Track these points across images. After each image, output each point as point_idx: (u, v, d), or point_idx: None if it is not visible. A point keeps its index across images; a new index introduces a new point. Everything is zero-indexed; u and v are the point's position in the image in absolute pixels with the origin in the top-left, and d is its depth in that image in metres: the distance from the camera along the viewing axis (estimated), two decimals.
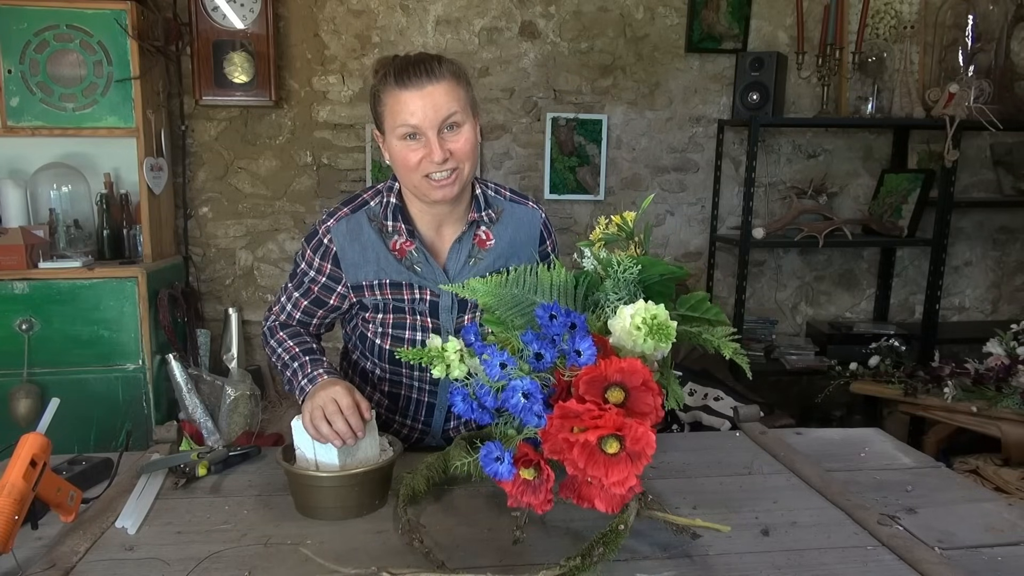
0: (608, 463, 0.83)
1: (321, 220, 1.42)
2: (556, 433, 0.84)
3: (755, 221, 3.06)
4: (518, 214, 1.49)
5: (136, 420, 2.62)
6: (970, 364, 2.47)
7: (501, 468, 0.91)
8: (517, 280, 1.07)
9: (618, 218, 1.11)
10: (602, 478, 0.83)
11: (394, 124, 1.30)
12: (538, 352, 0.91)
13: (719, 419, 2.63)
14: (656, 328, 0.91)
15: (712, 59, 3.25)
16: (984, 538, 1.08)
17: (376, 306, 1.41)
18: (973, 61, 3.09)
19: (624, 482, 0.82)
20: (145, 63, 2.66)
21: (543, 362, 0.91)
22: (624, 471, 0.82)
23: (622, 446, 0.82)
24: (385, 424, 1.51)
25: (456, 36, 3.12)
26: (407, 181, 1.35)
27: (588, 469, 0.83)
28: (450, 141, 1.30)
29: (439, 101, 1.27)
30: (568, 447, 0.83)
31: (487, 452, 0.92)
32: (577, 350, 0.90)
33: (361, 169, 3.15)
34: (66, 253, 2.65)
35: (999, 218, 3.50)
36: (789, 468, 1.31)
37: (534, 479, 0.91)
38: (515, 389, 0.89)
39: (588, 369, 0.86)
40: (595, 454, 0.83)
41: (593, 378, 0.86)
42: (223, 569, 0.97)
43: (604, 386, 0.86)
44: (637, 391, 0.86)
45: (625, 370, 0.85)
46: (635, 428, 0.82)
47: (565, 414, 0.84)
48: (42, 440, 1.01)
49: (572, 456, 0.83)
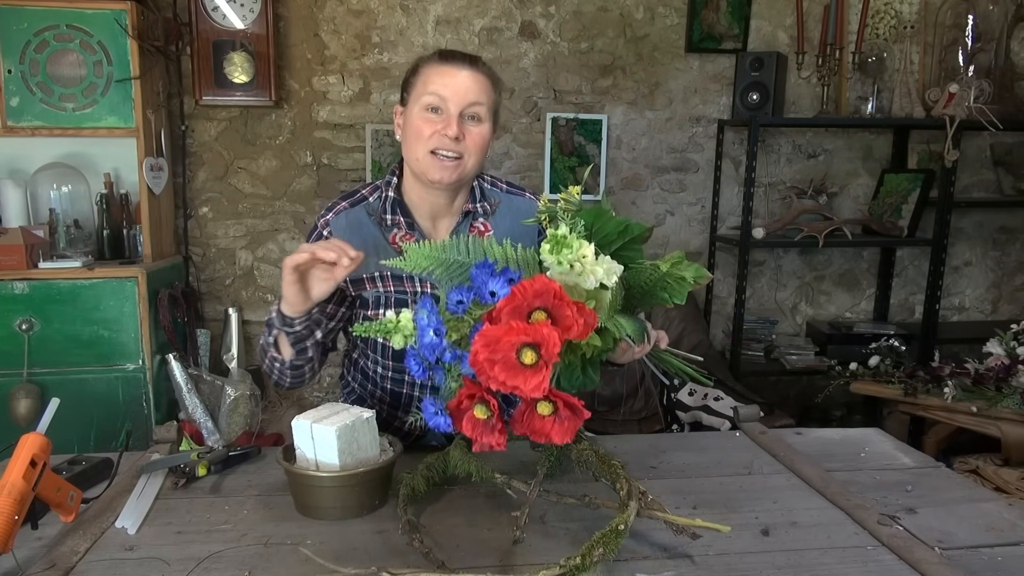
0: (527, 373, 0.86)
1: (320, 215, 1.43)
2: (482, 359, 0.87)
3: (755, 221, 3.06)
4: (516, 205, 1.50)
5: (136, 420, 2.62)
6: (970, 364, 2.47)
7: (440, 420, 0.96)
8: (455, 246, 1.07)
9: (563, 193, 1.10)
10: (521, 386, 0.86)
11: (424, 91, 1.34)
12: (458, 299, 0.96)
13: (719, 419, 2.63)
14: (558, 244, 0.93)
15: (712, 59, 3.25)
16: (984, 538, 1.08)
17: (377, 300, 1.41)
18: (973, 61, 3.09)
19: (540, 386, 0.86)
20: (145, 63, 2.66)
21: (462, 306, 0.96)
22: (538, 376, 0.86)
23: (538, 355, 0.86)
24: (386, 422, 1.51)
25: (456, 36, 3.12)
26: (413, 153, 1.36)
27: (508, 381, 0.86)
28: (467, 129, 1.34)
29: (471, 86, 1.34)
30: (490, 365, 0.86)
31: (426, 409, 0.98)
32: (491, 291, 0.94)
33: (361, 169, 3.15)
34: (66, 253, 2.65)
35: (999, 218, 3.50)
36: (789, 468, 1.31)
37: (488, 418, 0.94)
38: (424, 329, 0.95)
39: (506, 299, 0.90)
40: (514, 367, 0.86)
41: (514, 307, 0.89)
42: (223, 569, 0.97)
43: (527, 312, 0.89)
44: (555, 308, 0.89)
45: (539, 290, 0.88)
46: (540, 330, 0.86)
47: (487, 340, 0.87)
48: (42, 440, 1.01)
49: (493, 373, 0.86)
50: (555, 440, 0.92)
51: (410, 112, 1.37)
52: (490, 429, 0.94)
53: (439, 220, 1.44)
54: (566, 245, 0.94)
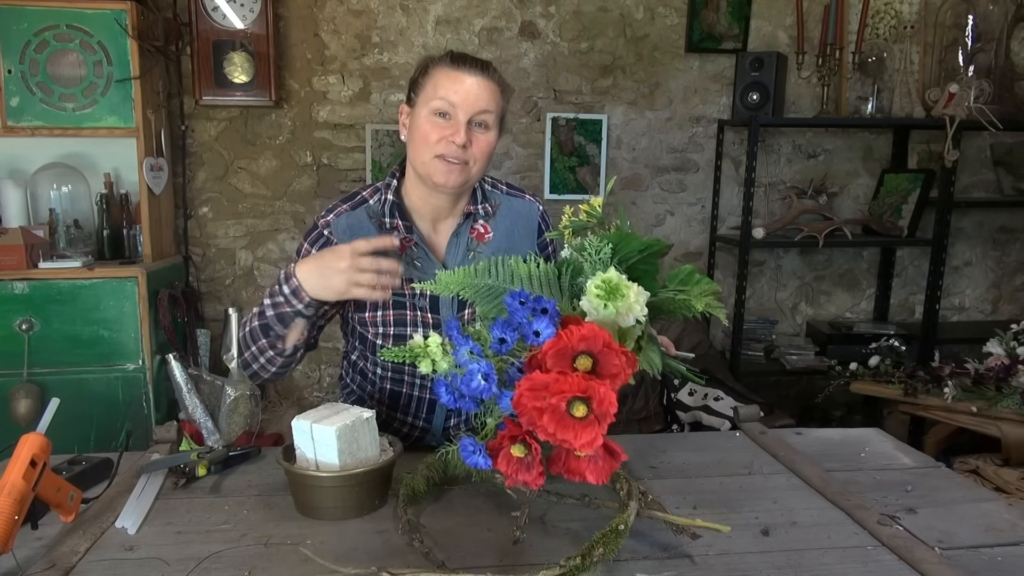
0: (577, 426, 0.85)
1: (320, 216, 1.42)
2: (527, 404, 0.86)
3: (755, 221, 3.06)
4: (516, 207, 1.50)
5: (136, 420, 2.62)
6: (970, 364, 2.47)
7: (479, 459, 0.95)
8: (488, 270, 1.07)
9: (586, 205, 1.11)
10: (572, 441, 0.85)
11: (433, 95, 1.33)
12: (501, 337, 0.94)
13: (719, 419, 2.63)
14: (610, 291, 0.93)
15: (712, 59, 3.25)
16: (984, 538, 1.08)
17: (374, 302, 1.41)
18: (973, 61, 3.09)
19: (592, 442, 0.85)
20: (145, 63, 2.66)
21: (505, 346, 0.95)
22: (592, 432, 0.85)
23: (589, 409, 0.85)
24: (385, 423, 1.51)
25: (456, 36, 3.12)
26: (419, 156, 1.36)
27: (558, 433, 0.85)
28: (474, 136, 1.34)
29: (481, 93, 1.33)
30: (538, 414, 0.85)
31: (464, 448, 0.96)
32: (536, 331, 0.92)
33: (361, 169, 3.15)
34: (66, 253, 2.65)
35: (999, 218, 3.50)
36: (789, 468, 1.31)
37: (525, 456, 0.93)
38: (472, 373, 0.94)
39: (552, 342, 0.89)
40: (564, 419, 0.85)
41: (559, 350, 0.88)
42: (223, 569, 0.97)
43: (572, 356, 0.88)
44: (603, 355, 0.88)
45: (586, 336, 0.87)
46: (596, 388, 0.84)
47: (533, 385, 0.86)
48: (42, 440, 1.01)
49: (543, 423, 0.85)
50: (590, 480, 0.92)
51: (418, 114, 1.35)
52: (526, 467, 0.94)
53: (440, 222, 1.44)
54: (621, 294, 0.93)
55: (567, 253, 1.11)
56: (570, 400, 0.85)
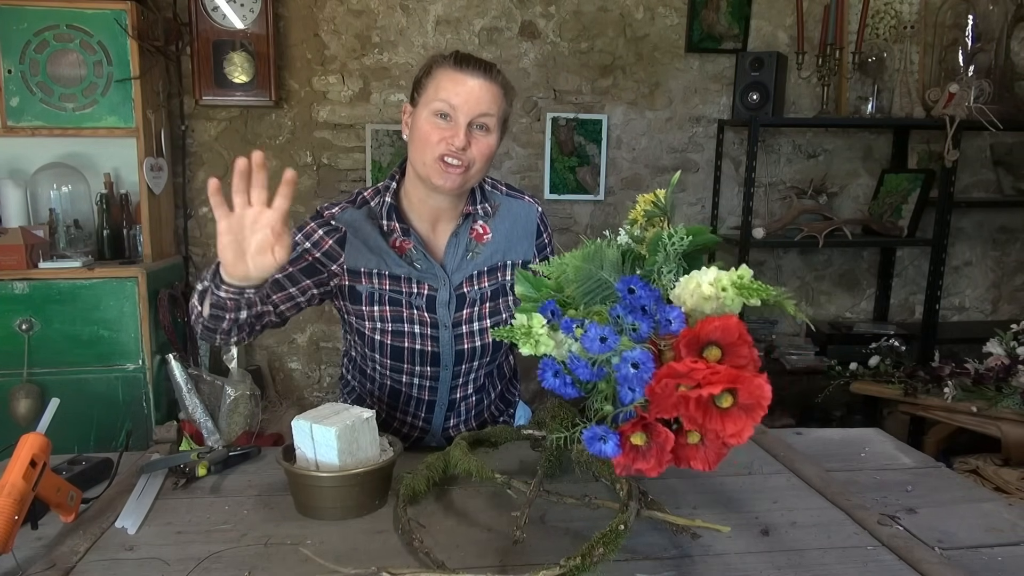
0: (723, 417, 0.86)
1: (326, 207, 1.43)
2: (665, 394, 0.87)
3: (755, 221, 3.06)
4: (515, 208, 1.50)
5: (136, 420, 2.62)
6: (970, 364, 2.47)
7: (606, 447, 0.93)
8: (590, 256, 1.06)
9: (651, 195, 1.12)
10: (719, 431, 0.86)
11: (434, 96, 1.33)
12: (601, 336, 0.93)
13: None
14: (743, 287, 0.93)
15: (712, 59, 3.25)
16: (984, 538, 1.08)
17: (371, 296, 1.41)
18: (973, 61, 3.08)
19: (741, 433, 0.86)
20: (145, 63, 2.66)
21: (640, 333, 0.94)
22: (740, 423, 0.86)
23: (735, 400, 0.86)
24: (385, 423, 1.52)
25: (456, 36, 3.12)
26: (420, 158, 1.35)
27: (706, 423, 0.86)
28: (475, 139, 1.33)
29: (483, 96, 1.33)
30: (684, 404, 0.86)
31: (591, 435, 0.93)
32: (668, 319, 0.93)
33: (361, 169, 3.15)
34: (66, 253, 2.64)
35: (999, 218, 3.50)
36: (789, 468, 1.31)
37: (644, 444, 0.93)
38: (626, 360, 0.92)
39: (686, 331, 0.89)
40: (709, 409, 0.86)
41: (691, 339, 0.89)
42: (223, 569, 0.97)
43: (699, 347, 0.89)
44: (733, 346, 0.89)
45: (720, 327, 0.88)
46: (749, 380, 0.85)
47: (672, 374, 0.86)
48: (42, 440, 1.01)
49: (689, 412, 0.86)
50: (695, 467, 0.92)
51: (419, 114, 1.35)
52: (643, 456, 0.94)
53: (439, 223, 1.44)
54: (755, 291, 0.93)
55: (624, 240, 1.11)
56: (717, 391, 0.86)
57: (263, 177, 1.10)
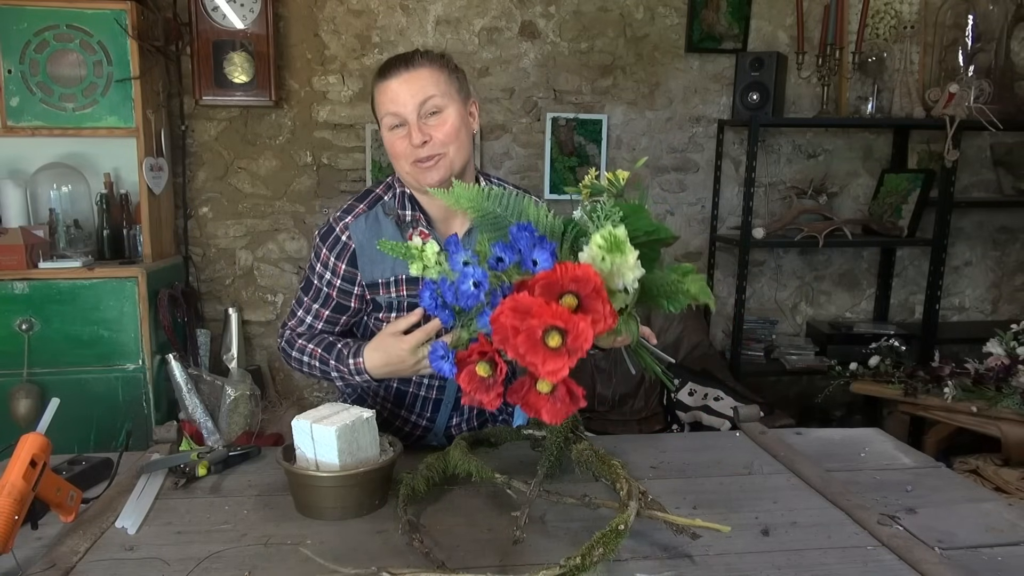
0: (547, 354, 0.86)
1: (337, 217, 1.42)
2: (506, 322, 0.88)
3: (755, 221, 3.06)
4: None
5: (136, 420, 2.62)
6: (970, 364, 2.47)
7: (446, 365, 0.97)
8: (499, 199, 1.08)
9: (610, 174, 1.11)
10: (539, 366, 0.86)
11: (381, 114, 1.36)
12: (499, 256, 0.97)
13: (719, 419, 2.63)
14: (615, 244, 0.93)
15: (712, 59, 3.25)
16: (984, 538, 1.08)
17: (390, 304, 1.42)
18: (973, 61, 3.09)
19: (558, 371, 0.86)
20: (145, 63, 2.66)
21: (502, 264, 0.97)
22: (560, 362, 0.86)
23: (563, 341, 0.86)
24: (387, 422, 1.52)
25: (456, 36, 3.12)
26: (399, 170, 1.40)
27: (528, 355, 0.87)
28: (432, 126, 1.34)
29: (415, 87, 1.33)
30: (514, 333, 0.87)
31: (434, 350, 0.98)
32: (534, 259, 0.94)
33: (361, 169, 3.15)
34: (66, 253, 2.64)
35: (999, 218, 3.50)
36: (789, 468, 1.31)
37: (488, 376, 0.94)
38: (467, 275, 0.96)
39: (544, 273, 0.90)
40: (537, 344, 0.86)
41: (549, 282, 0.89)
42: (223, 569, 0.97)
43: (558, 293, 0.90)
44: (589, 298, 0.89)
45: (579, 277, 0.88)
46: (576, 322, 0.86)
47: (517, 306, 0.87)
48: (42, 440, 1.01)
49: (515, 342, 0.87)
50: (544, 419, 0.92)
51: (383, 135, 1.39)
52: (486, 388, 0.95)
53: (451, 220, 1.44)
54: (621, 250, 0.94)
55: (578, 214, 1.11)
56: (547, 328, 0.86)
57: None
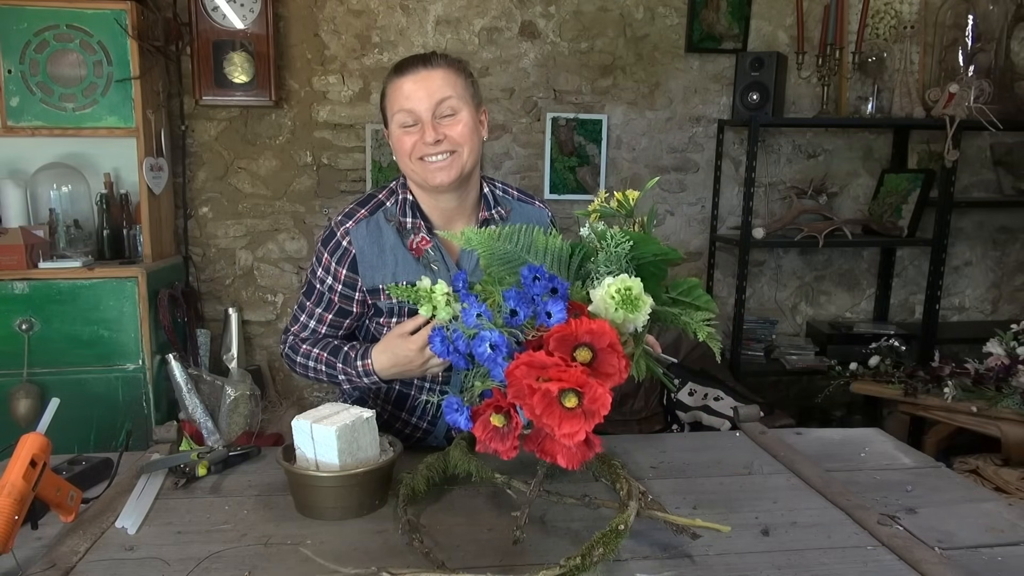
0: (563, 415, 0.86)
1: (338, 222, 1.42)
2: (521, 378, 0.87)
3: (755, 221, 3.06)
4: (526, 213, 1.51)
5: (136, 420, 2.62)
6: (970, 364, 2.47)
7: (460, 418, 0.96)
8: (510, 236, 1.08)
9: (620, 194, 1.11)
10: (555, 428, 0.86)
11: (393, 111, 1.36)
12: (513, 308, 0.96)
13: (719, 419, 2.63)
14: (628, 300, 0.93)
15: (712, 59, 3.25)
16: (984, 538, 1.08)
17: (391, 310, 1.42)
18: (973, 61, 3.09)
19: (574, 435, 0.86)
20: (145, 63, 2.66)
21: (516, 319, 0.96)
22: (576, 425, 0.86)
23: (580, 402, 0.86)
24: (387, 423, 1.52)
25: (456, 36, 3.12)
26: (406, 168, 1.39)
27: (544, 417, 0.86)
28: (446, 126, 1.35)
29: (432, 86, 1.33)
30: (530, 393, 0.86)
31: (448, 404, 0.98)
32: (548, 312, 0.94)
33: (361, 169, 3.15)
34: (66, 253, 2.64)
35: (999, 218, 3.50)
36: (789, 468, 1.31)
37: (503, 427, 0.94)
38: (483, 339, 0.94)
39: (559, 327, 0.90)
40: (553, 405, 0.86)
41: (564, 336, 0.89)
42: (223, 569, 0.97)
43: (573, 345, 0.89)
44: (604, 352, 0.89)
45: (594, 331, 0.88)
46: (595, 387, 0.85)
47: (532, 363, 0.87)
48: (42, 440, 1.01)
49: (531, 402, 0.86)
50: (560, 464, 0.92)
51: (392, 133, 1.39)
52: (501, 437, 0.95)
53: (453, 225, 1.44)
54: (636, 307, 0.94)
55: (586, 234, 1.12)
56: (564, 390, 0.86)
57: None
